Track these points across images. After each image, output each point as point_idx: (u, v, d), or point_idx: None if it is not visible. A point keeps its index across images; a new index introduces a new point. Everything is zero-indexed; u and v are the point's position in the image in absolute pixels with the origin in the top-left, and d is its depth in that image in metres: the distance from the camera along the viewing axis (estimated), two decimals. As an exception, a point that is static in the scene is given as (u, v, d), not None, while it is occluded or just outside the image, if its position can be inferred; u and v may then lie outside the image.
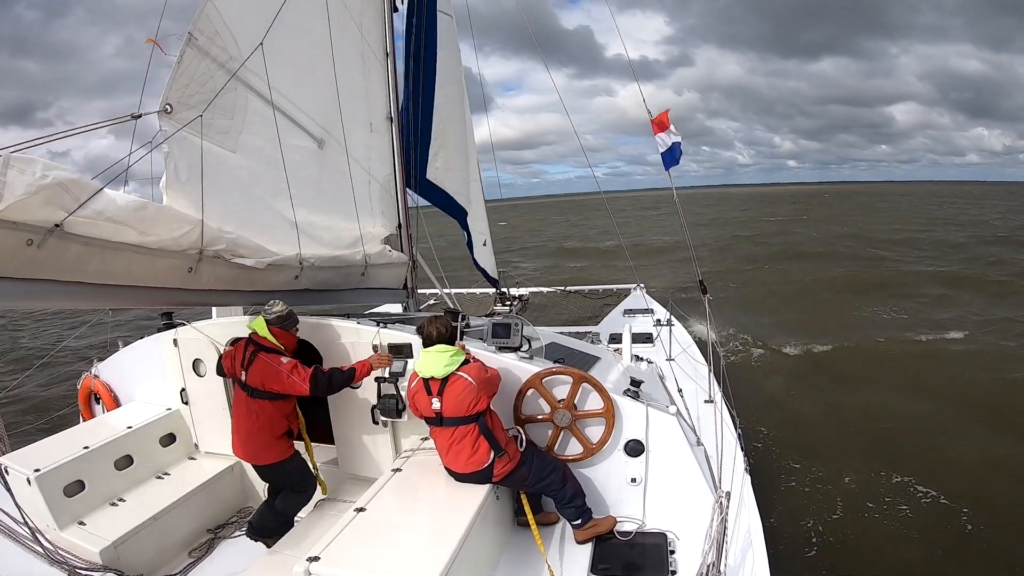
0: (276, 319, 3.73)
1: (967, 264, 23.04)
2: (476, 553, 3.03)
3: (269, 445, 3.72)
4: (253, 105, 3.81)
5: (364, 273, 5.06)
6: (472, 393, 3.32)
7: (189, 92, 3.36)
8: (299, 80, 4.17)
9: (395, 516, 3.17)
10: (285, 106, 4.04)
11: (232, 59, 3.57)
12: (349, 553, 2.77)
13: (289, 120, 4.10)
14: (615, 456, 3.75)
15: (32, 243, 2.46)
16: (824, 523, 6.19)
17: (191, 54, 3.34)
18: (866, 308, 16.06)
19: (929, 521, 6.14)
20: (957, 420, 8.72)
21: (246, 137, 3.78)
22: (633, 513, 3.65)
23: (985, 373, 10.54)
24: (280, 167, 4.04)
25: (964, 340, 12.56)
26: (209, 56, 3.44)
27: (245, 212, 3.84)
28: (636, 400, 3.74)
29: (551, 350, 4.45)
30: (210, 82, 3.46)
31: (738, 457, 3.63)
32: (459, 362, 3.42)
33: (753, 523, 3.11)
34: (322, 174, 4.56)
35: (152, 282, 3.21)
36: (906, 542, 5.84)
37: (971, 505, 6.25)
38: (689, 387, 4.67)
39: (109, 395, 4.99)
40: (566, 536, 3.58)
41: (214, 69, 3.47)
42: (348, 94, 4.71)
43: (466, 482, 3.42)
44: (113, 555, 3.39)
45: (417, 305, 6.35)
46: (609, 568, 3.22)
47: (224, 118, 3.59)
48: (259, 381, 3.63)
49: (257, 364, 3.65)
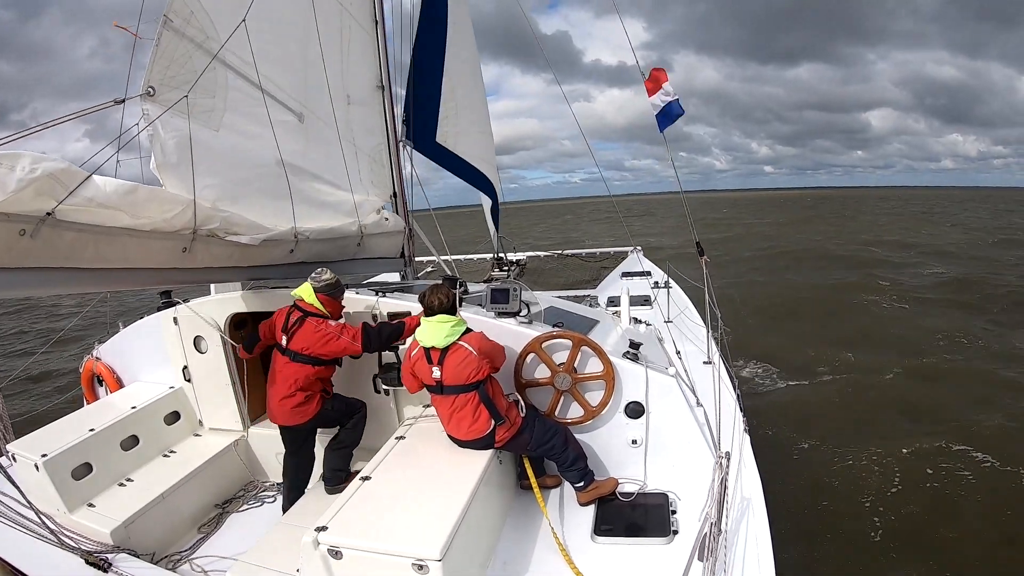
0: (325, 287, 3.79)
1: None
2: (481, 517, 3.08)
3: (303, 405, 3.78)
4: (233, 83, 3.81)
5: (360, 243, 5.07)
6: (473, 363, 3.32)
7: (170, 74, 3.36)
8: (273, 56, 4.14)
9: (400, 484, 3.20)
10: (263, 83, 4.01)
11: (209, 39, 3.57)
12: (356, 522, 2.81)
13: (270, 96, 4.08)
14: (616, 418, 3.78)
15: (25, 233, 2.47)
16: (821, 481, 6.29)
17: (168, 36, 3.33)
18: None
19: (922, 479, 6.25)
20: (962, 392, 8.81)
21: (229, 116, 3.78)
22: (634, 474, 3.68)
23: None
24: (264, 143, 4.04)
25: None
26: (186, 37, 3.44)
27: (235, 189, 3.84)
28: (635, 362, 3.75)
29: (550, 314, 4.45)
30: (189, 63, 3.45)
31: (737, 418, 3.65)
32: (460, 332, 3.42)
33: (753, 482, 3.14)
34: (307, 148, 4.56)
35: (148, 264, 3.23)
36: (898, 500, 5.94)
37: (969, 469, 6.36)
38: (688, 349, 4.68)
39: (112, 376, 5.01)
40: (569, 498, 3.62)
41: (192, 49, 3.47)
42: (328, 69, 4.71)
43: (468, 448, 3.45)
44: (124, 535, 3.43)
45: (415, 273, 6.34)
46: (612, 529, 3.27)
47: (206, 97, 3.59)
48: (303, 346, 3.71)
49: (304, 329, 3.72)
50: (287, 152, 4.21)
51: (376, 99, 5.61)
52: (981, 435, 7.01)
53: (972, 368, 9.50)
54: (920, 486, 6.13)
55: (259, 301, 4.31)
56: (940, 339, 11.09)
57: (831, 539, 5.31)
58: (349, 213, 4.91)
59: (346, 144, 5.02)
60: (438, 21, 6.97)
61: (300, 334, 3.72)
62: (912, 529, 5.44)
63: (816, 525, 5.48)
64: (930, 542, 5.24)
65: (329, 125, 4.81)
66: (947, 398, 8.24)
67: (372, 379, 4.20)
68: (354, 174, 5.10)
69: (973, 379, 8.96)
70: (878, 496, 5.99)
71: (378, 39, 5.49)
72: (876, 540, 5.30)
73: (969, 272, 18.68)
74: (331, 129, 4.83)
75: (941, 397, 8.36)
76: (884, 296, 15.12)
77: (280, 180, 4.17)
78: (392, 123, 5.76)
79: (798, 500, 5.82)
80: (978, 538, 5.22)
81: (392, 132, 5.77)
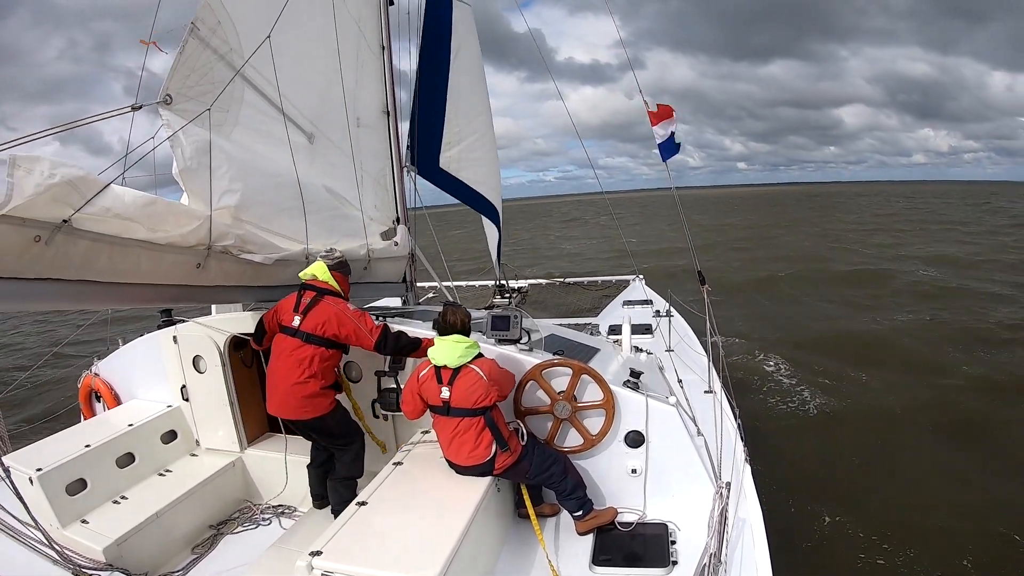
0: (338, 263, 3.78)
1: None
2: (477, 546, 3.05)
3: (316, 397, 3.63)
4: (248, 98, 3.81)
5: (367, 267, 5.06)
6: (482, 388, 3.31)
7: (189, 83, 3.34)
8: (292, 75, 4.16)
9: (396, 510, 3.18)
10: (279, 101, 4.04)
11: (232, 51, 3.56)
12: (351, 547, 2.78)
13: (283, 115, 4.10)
14: (615, 447, 3.76)
15: (40, 239, 2.45)
16: (824, 512, 6.22)
17: (193, 44, 3.33)
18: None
19: (933, 513, 6.14)
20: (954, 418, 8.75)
21: (239, 131, 3.78)
22: (634, 504, 3.65)
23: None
24: (269, 161, 4.03)
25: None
26: (210, 47, 3.43)
27: (254, 196, 3.83)
28: (636, 391, 3.74)
29: (550, 342, 4.45)
30: (209, 73, 3.44)
31: (738, 447, 3.64)
32: (473, 354, 3.42)
33: (753, 512, 3.12)
34: (311, 169, 4.56)
35: (160, 279, 3.21)
36: (905, 533, 5.87)
37: (980, 504, 6.24)
38: (689, 378, 4.67)
39: (109, 393, 4.99)
40: (567, 527, 3.59)
41: (214, 61, 3.46)
42: (340, 90, 4.74)
43: (467, 475, 3.43)
44: (116, 553, 3.40)
45: (416, 298, 6.36)
46: (610, 559, 3.23)
47: (219, 111, 3.57)
48: (317, 324, 3.58)
49: (321, 307, 3.62)
50: (293, 172, 4.21)
51: (382, 123, 5.67)
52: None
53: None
54: (927, 520, 6.06)
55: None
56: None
57: (833, 571, 5.24)
58: (356, 236, 4.92)
59: (356, 167, 5.05)
60: (442, 41, 6.93)
61: (316, 312, 3.59)
62: (919, 562, 5.37)
63: (818, 557, 5.42)
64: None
65: (338, 147, 4.83)
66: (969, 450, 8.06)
67: (371, 404, 4.18)
68: (361, 197, 5.13)
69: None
70: (883, 529, 5.93)
71: (384, 64, 5.56)
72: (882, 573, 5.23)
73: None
74: (338, 151, 4.85)
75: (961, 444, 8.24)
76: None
77: (281, 201, 4.14)
78: (396, 148, 5.81)
79: (800, 531, 5.75)
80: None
81: (396, 157, 5.81)
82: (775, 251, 27.68)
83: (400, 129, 5.94)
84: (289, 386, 3.60)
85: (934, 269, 20.82)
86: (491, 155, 8.11)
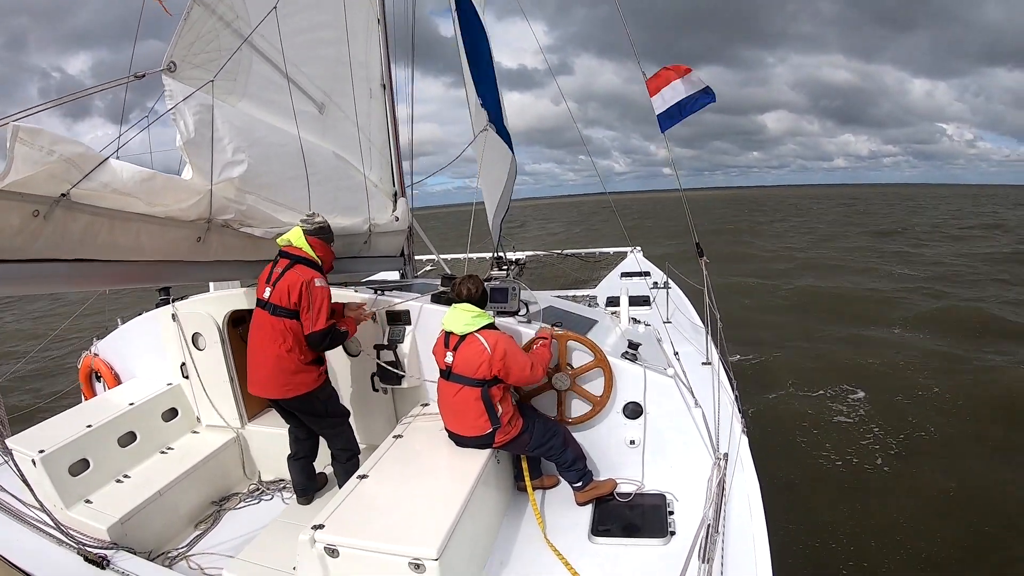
0: (316, 229, 3.57)
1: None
2: (477, 518, 3.07)
3: (297, 373, 3.51)
4: (257, 68, 3.70)
5: (367, 242, 5.03)
6: (484, 358, 3.31)
7: (194, 51, 3.22)
8: (303, 44, 4.07)
9: (397, 483, 3.20)
10: (288, 70, 3.94)
11: (238, 18, 3.44)
12: (353, 520, 2.81)
13: (293, 84, 4.01)
14: (614, 419, 3.78)
15: (39, 214, 2.41)
16: (820, 482, 6.31)
17: (198, 11, 3.21)
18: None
19: (922, 484, 6.26)
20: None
21: (247, 100, 3.68)
22: (632, 475, 3.68)
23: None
24: (275, 132, 3.94)
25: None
26: (216, 14, 3.31)
27: (259, 166, 3.73)
28: (634, 363, 3.75)
29: (548, 314, 4.45)
30: (215, 41, 3.32)
31: (735, 418, 3.65)
32: (480, 324, 3.42)
33: (750, 483, 3.14)
34: (323, 139, 4.48)
35: (160, 255, 3.14)
36: (900, 500, 5.95)
37: (967, 480, 6.32)
38: (686, 349, 4.67)
39: (109, 373, 5.00)
40: (567, 498, 3.62)
41: (220, 28, 3.34)
42: (353, 60, 4.65)
43: (467, 447, 3.45)
44: (121, 532, 3.43)
45: (414, 272, 6.34)
46: (609, 529, 3.26)
47: (227, 80, 3.45)
48: (282, 294, 3.42)
49: (289, 276, 3.44)
50: (304, 143, 4.13)
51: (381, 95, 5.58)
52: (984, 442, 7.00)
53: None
54: (922, 487, 6.15)
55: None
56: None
57: (830, 540, 5.32)
58: (360, 209, 4.87)
59: (363, 138, 4.98)
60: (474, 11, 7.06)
61: (283, 281, 3.42)
62: (912, 529, 5.45)
63: (815, 526, 5.49)
64: (931, 539, 5.27)
65: (349, 118, 4.74)
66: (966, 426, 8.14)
67: (370, 377, 4.19)
68: (368, 170, 5.08)
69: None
70: (879, 496, 6.01)
71: (380, 37, 5.45)
72: (875, 541, 5.31)
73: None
74: (349, 121, 4.76)
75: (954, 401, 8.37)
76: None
77: (287, 172, 4.05)
78: (393, 121, 5.74)
79: (797, 501, 5.83)
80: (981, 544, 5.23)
81: (393, 130, 5.74)
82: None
83: (396, 101, 5.86)
84: (267, 363, 3.51)
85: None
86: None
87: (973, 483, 6.11)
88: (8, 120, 2.27)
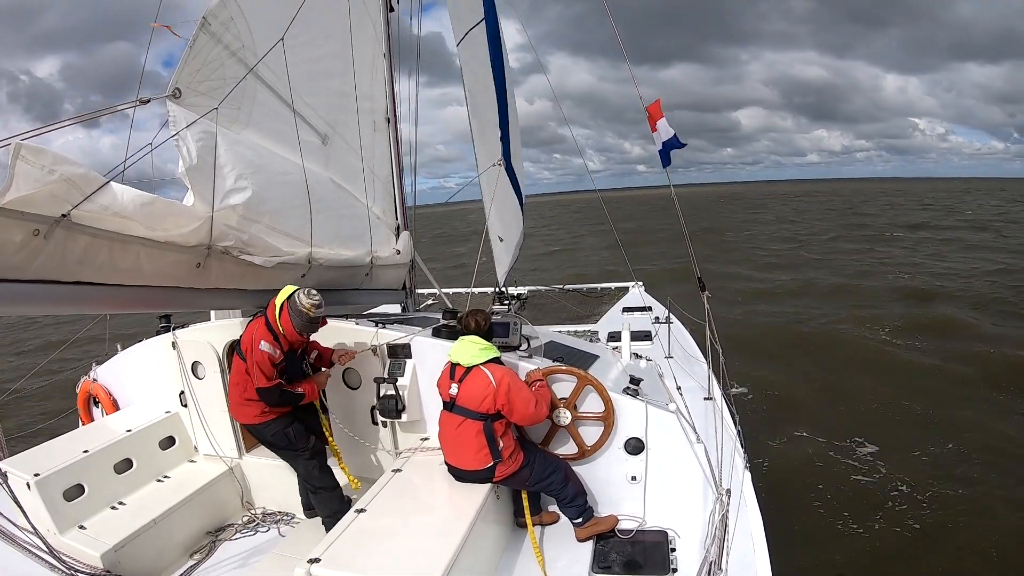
0: (296, 304, 3.51)
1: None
2: (476, 554, 3.03)
3: (244, 405, 3.73)
4: (261, 97, 3.73)
5: (368, 274, 5.04)
6: (489, 391, 3.31)
7: (199, 78, 3.24)
8: (308, 75, 4.12)
9: (395, 517, 3.16)
10: (294, 101, 3.99)
11: (244, 47, 3.48)
12: (349, 555, 2.77)
13: (297, 115, 4.05)
14: (615, 454, 3.75)
15: (39, 233, 2.41)
16: (825, 519, 6.21)
17: (204, 39, 3.23)
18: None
19: (934, 518, 6.16)
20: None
21: (251, 129, 3.71)
22: (634, 511, 3.64)
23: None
24: (280, 162, 3.96)
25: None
26: (222, 43, 3.34)
27: (264, 193, 3.72)
28: (635, 398, 3.74)
29: (550, 348, 4.44)
30: (220, 69, 3.35)
31: (738, 454, 3.63)
32: (487, 357, 3.44)
33: (754, 519, 3.11)
34: (327, 170, 4.52)
35: (159, 280, 3.15)
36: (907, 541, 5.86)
37: (978, 512, 6.23)
38: (688, 384, 4.66)
39: (108, 398, 4.98)
40: (567, 534, 3.58)
41: (226, 57, 3.37)
42: (358, 92, 4.73)
43: (466, 481, 3.42)
44: (114, 559, 3.38)
45: (416, 305, 6.35)
46: (610, 566, 3.22)
47: (232, 108, 3.47)
48: (245, 337, 3.66)
49: (252, 325, 3.68)
50: (308, 174, 4.14)
51: (386, 128, 5.64)
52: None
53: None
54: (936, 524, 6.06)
55: None
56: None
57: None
58: (362, 240, 4.89)
59: (367, 171, 5.02)
60: (500, 50, 7.11)
61: (248, 328, 3.67)
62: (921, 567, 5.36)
63: (820, 563, 5.41)
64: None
65: (353, 150, 4.79)
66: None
67: (370, 410, 4.17)
68: (371, 202, 5.11)
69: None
70: (888, 531, 5.92)
71: (386, 71, 5.54)
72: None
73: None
74: (353, 154, 4.81)
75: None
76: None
77: (289, 202, 4.03)
78: (397, 155, 5.81)
79: (801, 538, 5.74)
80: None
81: (396, 164, 5.81)
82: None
83: (400, 136, 5.93)
84: (234, 394, 3.79)
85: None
86: (520, 165, 8.38)
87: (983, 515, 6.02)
88: (9, 141, 2.30)
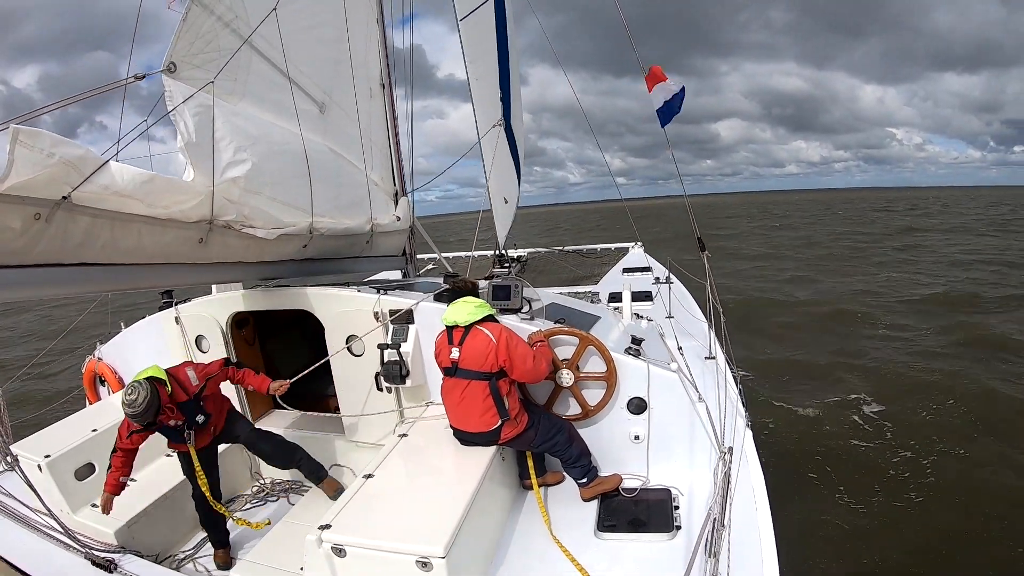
0: (130, 406, 3.30)
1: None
2: (484, 514, 3.07)
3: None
4: (256, 67, 3.68)
5: (369, 241, 5.03)
6: (490, 349, 3.31)
7: (193, 51, 3.20)
8: (303, 43, 4.05)
9: (403, 481, 3.20)
10: (289, 69, 3.93)
11: (238, 18, 3.42)
12: (359, 520, 2.81)
13: (294, 84, 3.99)
14: (618, 414, 3.76)
15: (40, 217, 2.40)
16: (826, 474, 6.29)
17: (196, 11, 3.19)
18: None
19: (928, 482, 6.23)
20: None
21: (248, 100, 3.66)
22: (637, 470, 3.68)
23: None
24: (277, 131, 3.92)
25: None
26: (215, 14, 3.29)
27: (263, 164, 3.70)
28: (637, 358, 3.74)
29: (551, 310, 4.44)
30: (214, 41, 3.30)
31: (739, 413, 3.64)
32: (483, 314, 3.44)
33: (755, 477, 3.13)
34: (325, 138, 4.47)
35: (161, 257, 3.14)
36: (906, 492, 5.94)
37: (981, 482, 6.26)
38: (690, 344, 4.66)
39: (113, 377, 5.01)
40: (572, 495, 3.62)
41: (219, 28, 3.32)
42: (353, 59, 4.66)
43: (472, 444, 3.44)
44: (127, 535, 3.43)
45: (416, 271, 6.33)
46: (615, 525, 3.26)
47: (227, 80, 3.43)
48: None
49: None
50: (306, 143, 4.12)
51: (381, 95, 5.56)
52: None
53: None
54: (932, 482, 6.13)
55: (260, 300, 4.30)
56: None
57: (835, 533, 5.32)
58: (362, 209, 4.85)
59: (364, 139, 4.97)
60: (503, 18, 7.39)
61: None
62: (919, 523, 5.44)
63: (820, 519, 5.48)
64: (938, 537, 5.25)
65: (350, 117, 4.73)
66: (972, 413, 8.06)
67: (375, 376, 4.19)
68: (369, 169, 5.07)
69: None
70: (885, 488, 5.99)
71: (379, 37, 5.42)
72: (881, 533, 5.30)
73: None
74: (351, 121, 4.76)
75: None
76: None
77: (289, 171, 4.02)
78: (393, 121, 5.73)
79: (802, 494, 5.82)
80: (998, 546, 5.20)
81: (393, 130, 5.73)
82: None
83: (396, 102, 5.85)
84: None
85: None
86: (522, 129, 8.51)
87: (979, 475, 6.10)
88: (5, 124, 2.26)
